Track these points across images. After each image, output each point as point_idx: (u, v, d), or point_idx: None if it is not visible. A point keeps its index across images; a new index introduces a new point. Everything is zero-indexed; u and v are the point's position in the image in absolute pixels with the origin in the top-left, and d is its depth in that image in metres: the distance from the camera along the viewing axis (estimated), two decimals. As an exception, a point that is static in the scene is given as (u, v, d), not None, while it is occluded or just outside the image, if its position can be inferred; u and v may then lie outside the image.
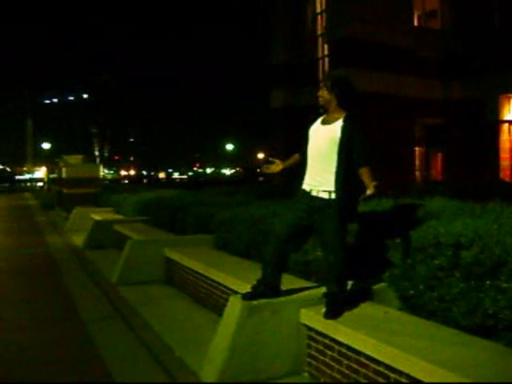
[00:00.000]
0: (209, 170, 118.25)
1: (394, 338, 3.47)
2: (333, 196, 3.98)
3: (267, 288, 4.19)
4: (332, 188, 3.99)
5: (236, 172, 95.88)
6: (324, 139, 4.05)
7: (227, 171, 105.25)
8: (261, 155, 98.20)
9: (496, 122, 22.43)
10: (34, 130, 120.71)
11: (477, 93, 21.94)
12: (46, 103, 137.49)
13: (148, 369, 4.45)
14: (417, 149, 22.66)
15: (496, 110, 22.30)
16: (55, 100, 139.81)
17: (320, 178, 4.06)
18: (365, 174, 3.97)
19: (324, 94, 4.15)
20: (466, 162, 21.91)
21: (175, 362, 4.58)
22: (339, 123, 4.04)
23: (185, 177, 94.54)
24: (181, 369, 4.43)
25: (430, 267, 4.00)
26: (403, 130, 20.97)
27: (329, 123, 4.11)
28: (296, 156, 4.42)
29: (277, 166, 4.50)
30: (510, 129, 22.65)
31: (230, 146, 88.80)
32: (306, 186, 4.15)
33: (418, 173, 22.62)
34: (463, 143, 22.28)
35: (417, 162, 22.74)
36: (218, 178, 64.59)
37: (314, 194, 4.08)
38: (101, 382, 4.25)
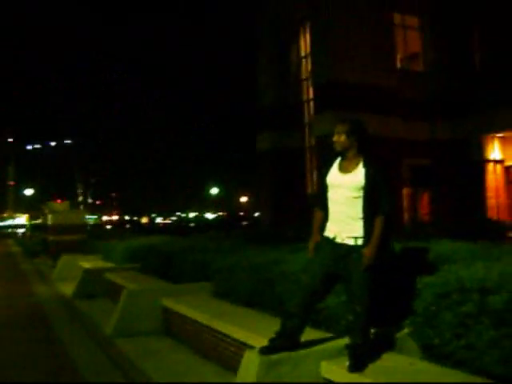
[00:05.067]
0: (192, 215, 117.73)
1: (427, 392, 3.27)
2: (359, 242, 3.85)
3: (287, 341, 3.98)
4: (357, 234, 3.87)
5: (219, 216, 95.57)
6: (348, 187, 3.93)
7: (210, 215, 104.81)
8: (244, 198, 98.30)
9: (481, 162, 22.62)
10: (15, 176, 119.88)
11: (462, 133, 22.16)
12: (29, 149, 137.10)
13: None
14: (404, 189, 22.69)
15: (481, 150, 22.52)
16: (37, 146, 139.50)
17: (344, 224, 3.92)
18: (377, 224, 3.88)
19: (342, 140, 4.03)
20: (453, 202, 21.97)
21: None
22: (361, 169, 3.94)
23: (168, 221, 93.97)
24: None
25: (457, 314, 3.83)
26: (390, 171, 21.03)
27: (349, 171, 3.99)
28: (319, 214, 4.20)
29: (315, 238, 4.22)
30: (495, 168, 22.85)
31: (214, 190, 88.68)
32: (329, 233, 4.01)
33: (406, 214, 22.59)
34: (450, 183, 22.38)
35: (404, 203, 22.73)
36: (202, 222, 64.28)
37: (338, 240, 3.94)
38: None
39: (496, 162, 22.83)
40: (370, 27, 20.38)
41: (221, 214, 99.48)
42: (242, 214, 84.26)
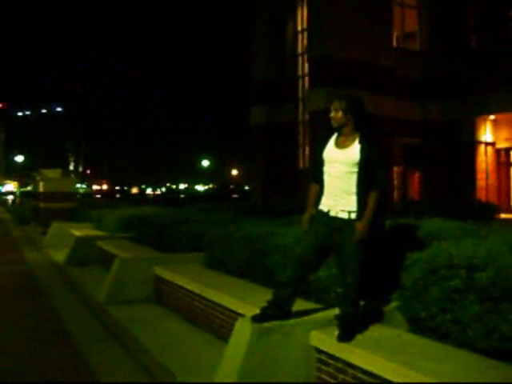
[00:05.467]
0: (182, 186, 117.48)
1: (413, 361, 3.39)
2: (352, 216, 3.96)
3: (279, 310, 4.10)
4: (351, 208, 3.97)
5: (209, 188, 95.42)
6: (343, 162, 4.01)
7: (200, 187, 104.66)
8: (235, 171, 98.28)
9: (473, 143, 22.79)
10: (6, 143, 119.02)
11: (454, 114, 22.28)
12: (19, 116, 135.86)
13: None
14: (395, 168, 22.82)
15: (473, 131, 22.69)
16: (28, 113, 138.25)
17: (339, 198, 4.02)
18: (370, 199, 3.97)
19: (338, 116, 4.10)
20: (443, 182, 22.17)
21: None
22: (356, 145, 4.02)
23: (158, 192, 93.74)
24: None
25: (444, 289, 3.94)
26: (382, 149, 21.12)
27: (345, 146, 4.07)
28: (315, 187, 4.26)
29: (310, 211, 4.29)
30: (486, 150, 23.03)
31: (205, 163, 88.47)
32: (323, 207, 4.10)
33: (396, 192, 22.76)
34: (441, 163, 22.54)
35: (395, 182, 22.88)
36: (192, 194, 64.17)
37: (332, 214, 4.04)
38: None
39: (487, 144, 23.01)
40: (368, 4, 20.27)
41: (211, 186, 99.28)
42: (232, 186, 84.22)
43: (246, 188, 58.86)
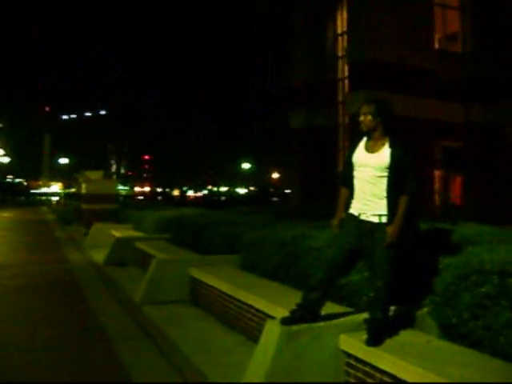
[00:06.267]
0: (223, 189, 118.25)
1: (442, 367, 3.37)
2: (383, 220, 3.96)
3: (308, 312, 4.12)
4: (382, 212, 3.97)
5: (250, 191, 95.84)
6: (373, 166, 4.02)
7: (241, 190, 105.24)
8: (276, 175, 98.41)
9: (516, 146, 22.27)
10: (51, 146, 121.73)
11: (497, 116, 21.81)
12: (64, 119, 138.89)
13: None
14: (435, 172, 22.49)
15: (516, 134, 22.15)
16: (73, 116, 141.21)
17: (370, 202, 4.02)
18: (401, 203, 3.97)
19: (367, 121, 4.11)
20: (485, 186, 21.72)
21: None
22: (386, 149, 4.02)
23: (199, 195, 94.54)
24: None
25: (475, 295, 3.90)
26: (422, 152, 20.84)
27: (375, 150, 4.07)
28: (344, 191, 4.31)
29: (340, 215, 4.32)
30: (530, 153, 22.47)
31: (246, 165, 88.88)
32: (353, 211, 4.11)
33: (436, 196, 22.42)
34: (483, 166, 22.09)
35: (436, 186, 22.54)
36: (233, 197, 64.52)
37: (363, 218, 4.04)
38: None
39: (531, 147, 22.45)
40: (408, 6, 20.05)
41: (252, 189, 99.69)
42: (272, 190, 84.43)
43: (287, 191, 58.91)
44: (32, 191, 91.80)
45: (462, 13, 22.59)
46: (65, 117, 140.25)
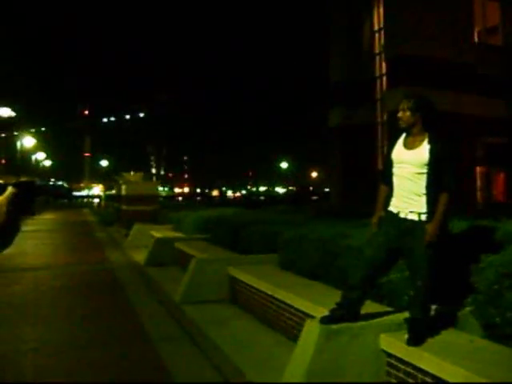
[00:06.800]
0: (262, 189, 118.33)
1: (485, 369, 3.29)
2: (423, 218, 3.89)
3: (347, 312, 4.08)
4: (421, 209, 3.90)
5: (289, 190, 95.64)
6: (412, 163, 3.95)
7: (280, 190, 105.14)
8: (314, 173, 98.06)
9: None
10: (91, 148, 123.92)
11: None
12: (104, 122, 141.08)
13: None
14: (478, 169, 22.07)
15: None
16: (112, 119, 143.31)
17: (409, 199, 3.96)
18: (441, 201, 3.89)
19: (406, 117, 4.05)
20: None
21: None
22: (425, 146, 3.94)
23: (238, 195, 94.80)
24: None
25: (520, 294, 3.81)
26: (464, 149, 20.47)
27: (414, 147, 4.01)
28: (383, 189, 4.26)
29: (379, 213, 4.29)
30: None
31: (284, 165, 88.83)
32: (393, 209, 4.06)
33: (479, 194, 22.01)
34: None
35: (478, 183, 22.13)
36: (272, 196, 64.56)
37: (402, 215, 3.99)
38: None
39: None
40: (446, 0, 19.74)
41: (291, 188, 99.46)
42: (311, 188, 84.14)
43: (326, 190, 58.62)
44: (74, 193, 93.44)
45: (502, 5, 22.09)
46: (104, 120, 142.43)
